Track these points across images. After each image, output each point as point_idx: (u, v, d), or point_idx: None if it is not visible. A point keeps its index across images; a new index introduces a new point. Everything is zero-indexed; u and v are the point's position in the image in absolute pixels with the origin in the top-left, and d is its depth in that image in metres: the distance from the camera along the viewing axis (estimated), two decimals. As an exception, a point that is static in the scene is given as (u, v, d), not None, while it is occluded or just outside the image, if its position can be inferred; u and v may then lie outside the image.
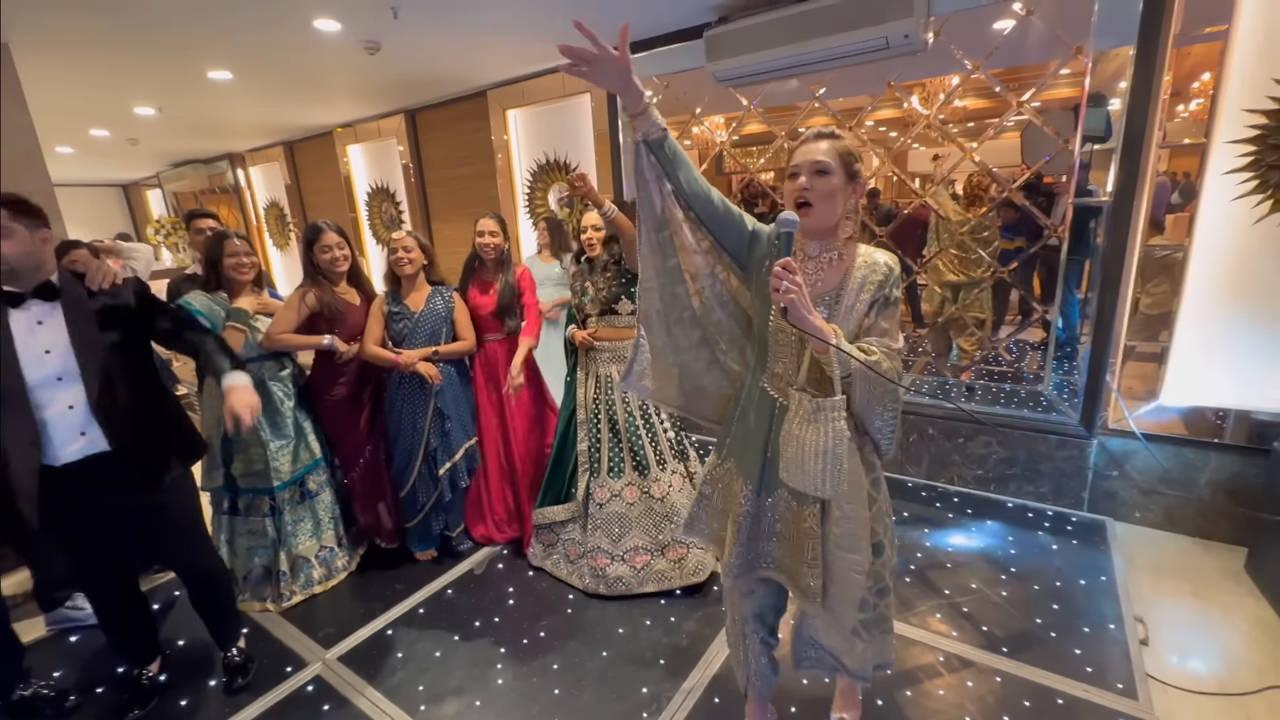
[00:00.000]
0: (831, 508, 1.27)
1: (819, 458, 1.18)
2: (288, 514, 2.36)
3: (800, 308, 1.11)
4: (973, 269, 3.24)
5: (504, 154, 4.42)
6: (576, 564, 2.39)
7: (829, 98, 3.09)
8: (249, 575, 2.38)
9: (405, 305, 2.43)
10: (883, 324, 1.23)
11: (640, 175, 1.24)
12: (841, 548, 1.27)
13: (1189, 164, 2.34)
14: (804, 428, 1.20)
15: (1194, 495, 2.54)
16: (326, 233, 2.36)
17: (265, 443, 2.27)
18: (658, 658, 2.00)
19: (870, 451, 1.30)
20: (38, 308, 1.55)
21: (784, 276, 1.10)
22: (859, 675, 1.49)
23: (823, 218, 1.22)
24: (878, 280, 1.22)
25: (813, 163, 1.19)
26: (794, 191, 1.22)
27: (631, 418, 2.35)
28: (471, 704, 1.86)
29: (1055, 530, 2.63)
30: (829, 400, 1.17)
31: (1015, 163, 3.13)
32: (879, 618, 1.38)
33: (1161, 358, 2.51)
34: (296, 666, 2.05)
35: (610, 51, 1.12)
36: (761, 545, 1.39)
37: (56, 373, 1.55)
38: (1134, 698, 1.74)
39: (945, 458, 3.05)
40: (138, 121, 4.94)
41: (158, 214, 8.92)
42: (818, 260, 1.27)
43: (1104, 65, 2.42)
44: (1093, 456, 2.70)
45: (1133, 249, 2.46)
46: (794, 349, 1.26)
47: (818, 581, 1.30)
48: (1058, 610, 2.13)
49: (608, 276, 2.31)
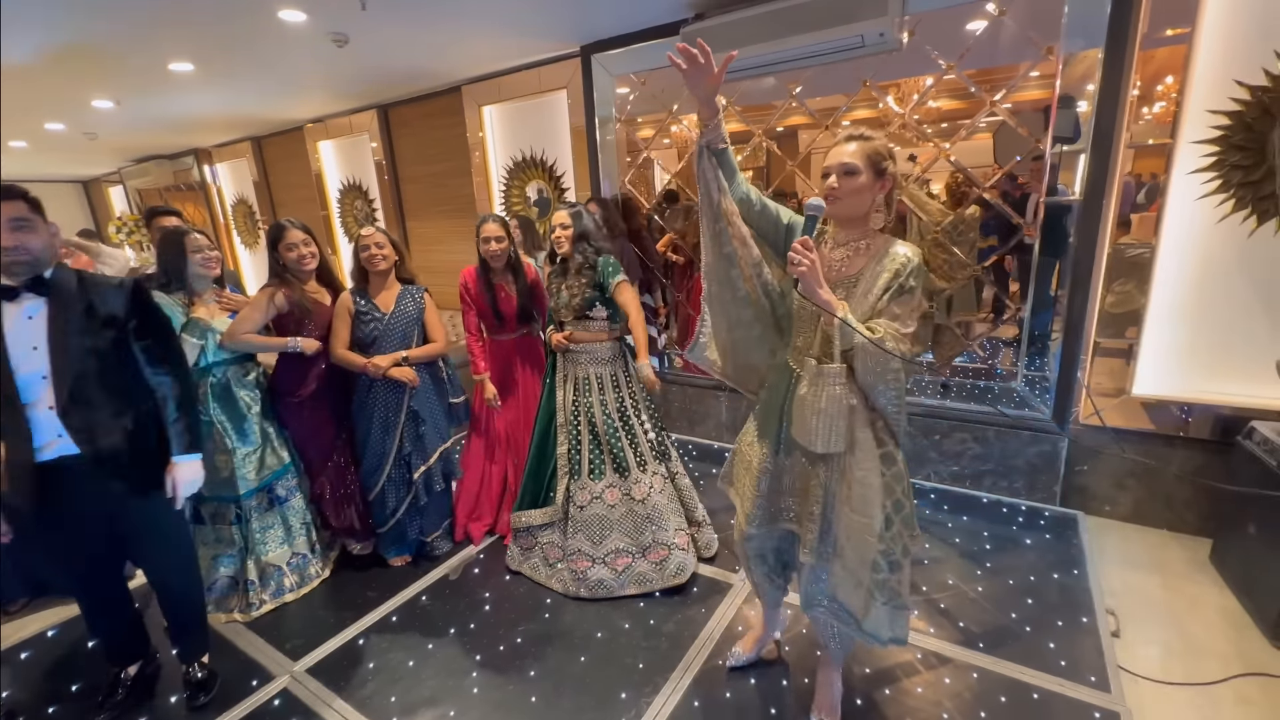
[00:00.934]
0: (847, 471, 1.39)
1: (815, 415, 1.34)
2: (255, 521, 2.28)
3: (811, 280, 1.26)
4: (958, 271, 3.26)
5: (480, 151, 4.35)
6: (555, 567, 2.36)
7: (805, 96, 3.09)
8: (213, 585, 2.29)
9: (375, 304, 2.36)
10: (894, 309, 1.32)
11: (702, 175, 1.40)
12: (854, 510, 1.39)
13: (1154, 165, 2.39)
14: (806, 389, 1.37)
15: (1161, 489, 2.60)
16: (290, 230, 2.28)
17: (231, 450, 2.19)
18: (637, 662, 1.97)
19: (882, 430, 1.39)
20: (30, 302, 1.54)
21: (800, 252, 1.25)
22: (871, 634, 1.51)
23: (850, 210, 1.37)
24: (895, 268, 1.32)
25: (841, 164, 1.33)
26: (824, 190, 1.36)
27: (610, 420, 2.32)
28: (445, 715, 1.81)
29: (1029, 525, 2.67)
30: (829, 366, 1.33)
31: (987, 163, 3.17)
32: (891, 591, 1.45)
33: (1129, 354, 2.56)
34: (263, 680, 1.98)
35: (713, 65, 1.30)
36: (783, 500, 1.55)
37: (42, 370, 1.54)
38: (1106, 690, 1.77)
39: (922, 454, 3.08)
40: (96, 114, 4.75)
41: (120, 211, 8.61)
42: (847, 247, 1.42)
43: (1072, 67, 2.46)
44: (1064, 451, 2.74)
45: (1102, 247, 2.50)
46: (811, 323, 1.42)
47: (813, 535, 1.46)
48: (1032, 605, 2.15)
49: (582, 283, 2.28)
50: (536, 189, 4.21)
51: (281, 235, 2.28)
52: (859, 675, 1.88)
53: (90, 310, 1.58)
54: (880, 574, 1.42)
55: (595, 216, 2.52)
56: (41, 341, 1.53)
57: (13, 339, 1.51)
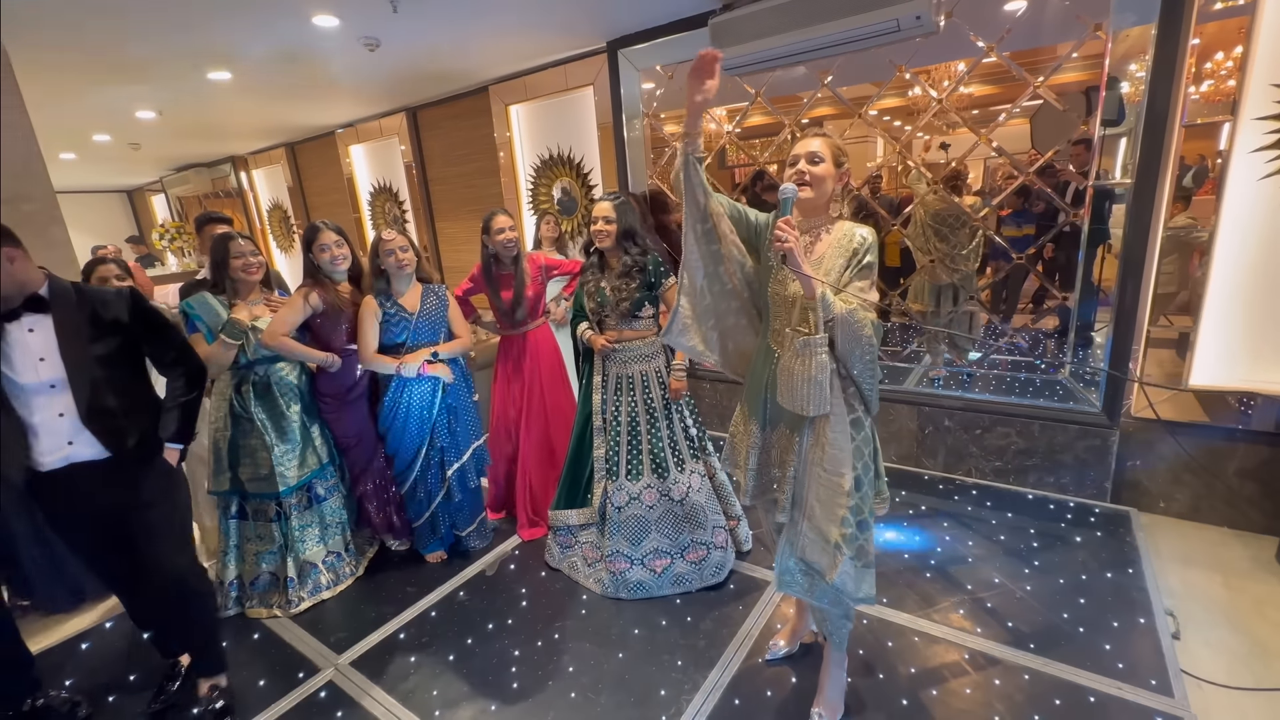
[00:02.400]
0: (819, 434, 1.50)
1: (806, 384, 1.44)
2: (295, 519, 2.33)
3: (795, 255, 1.37)
4: (962, 264, 3.17)
5: (507, 151, 4.37)
6: (594, 567, 2.35)
7: (834, 86, 3.03)
8: (256, 581, 2.35)
9: (401, 306, 2.37)
10: (857, 282, 1.45)
11: (689, 181, 1.53)
12: (825, 469, 1.49)
13: (1201, 146, 2.28)
14: (794, 361, 1.46)
15: (1222, 484, 2.48)
16: (324, 232, 2.33)
17: (270, 447, 2.24)
18: (675, 659, 1.96)
19: (853, 395, 1.50)
20: (29, 317, 1.58)
21: (785, 230, 1.37)
22: (840, 589, 1.52)
23: (816, 196, 1.50)
24: (852, 248, 1.46)
25: (809, 152, 1.48)
26: (793, 174, 1.49)
27: (653, 418, 2.26)
28: (486, 709, 1.83)
29: (1078, 522, 2.57)
30: (814, 338, 1.43)
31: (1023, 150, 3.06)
32: (860, 550, 1.52)
33: (1182, 344, 2.45)
34: (309, 672, 2.02)
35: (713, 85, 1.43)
36: (771, 471, 1.67)
37: (50, 380, 1.58)
38: (1169, 694, 1.69)
39: (962, 449, 2.99)
40: (139, 125, 4.92)
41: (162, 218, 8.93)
42: (810, 234, 1.54)
43: (1118, 45, 2.35)
44: (1116, 446, 2.63)
45: (1155, 232, 2.39)
46: (787, 306, 1.53)
47: (786, 496, 1.57)
48: (1085, 605, 2.07)
49: (631, 287, 2.19)
50: (560, 188, 4.22)
51: (315, 236, 2.32)
52: (904, 674, 1.84)
53: (95, 319, 1.64)
54: (848, 529, 1.49)
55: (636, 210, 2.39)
56: (50, 352, 1.58)
57: (18, 353, 1.55)
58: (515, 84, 4.16)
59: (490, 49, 3.57)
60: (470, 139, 4.68)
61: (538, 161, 4.28)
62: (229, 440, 2.24)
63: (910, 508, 2.77)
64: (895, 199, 3.39)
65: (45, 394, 1.58)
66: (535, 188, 4.36)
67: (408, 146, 5.07)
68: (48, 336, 1.58)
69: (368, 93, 4.48)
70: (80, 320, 1.62)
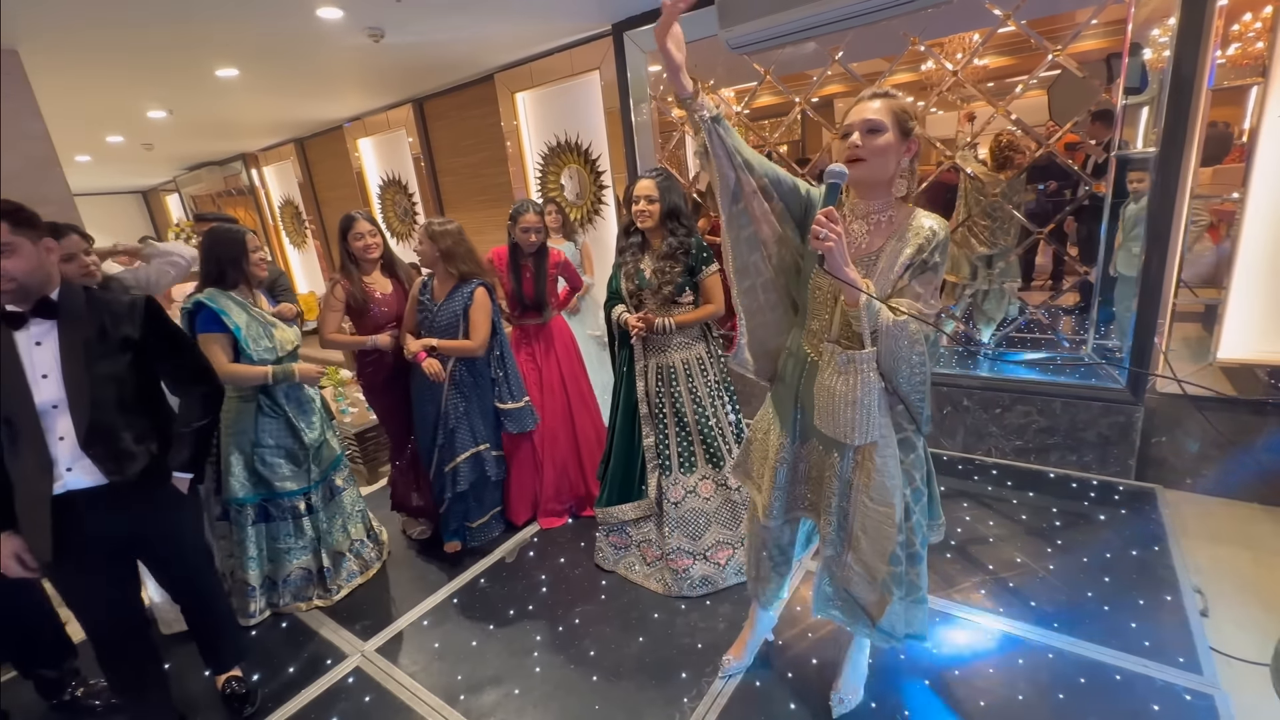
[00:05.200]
0: (864, 459, 1.30)
1: (850, 407, 1.23)
2: (322, 511, 2.33)
3: (837, 256, 1.15)
4: (1003, 237, 3.11)
5: (514, 140, 4.35)
6: (654, 566, 2.29)
7: (846, 62, 2.96)
8: (288, 579, 2.31)
9: (432, 295, 2.41)
10: (916, 288, 1.23)
11: (715, 152, 1.28)
12: (873, 499, 1.30)
13: (1228, 114, 2.20)
14: (835, 379, 1.25)
15: (1251, 459, 2.42)
16: (359, 221, 2.42)
17: (305, 442, 2.21)
18: (695, 643, 1.97)
19: (901, 414, 1.32)
20: (36, 327, 1.43)
21: (825, 225, 1.14)
22: (886, 632, 1.44)
23: (874, 172, 1.24)
24: (918, 244, 1.22)
25: (865, 120, 1.21)
26: (845, 149, 1.24)
27: (700, 408, 2.18)
28: (510, 692, 1.86)
29: (1101, 500, 2.54)
30: (860, 353, 1.21)
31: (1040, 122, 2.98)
32: (910, 585, 1.40)
33: (1210, 316, 2.39)
34: (336, 659, 2.07)
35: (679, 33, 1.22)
36: (799, 488, 1.49)
37: (53, 399, 1.42)
38: (1198, 672, 1.67)
39: (982, 429, 2.96)
40: (151, 125, 4.96)
41: (177, 218, 9.04)
42: (867, 220, 1.30)
43: (1138, 10, 2.27)
44: (1140, 422, 2.58)
45: (1182, 203, 2.32)
46: (829, 305, 1.31)
47: (831, 527, 1.39)
48: (1109, 583, 2.05)
49: (676, 270, 2.07)
50: (569, 174, 4.19)
51: (351, 225, 2.41)
52: (925, 655, 1.83)
53: (103, 333, 1.47)
54: (898, 567, 1.35)
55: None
56: (52, 369, 1.41)
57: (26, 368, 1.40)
58: (521, 71, 4.13)
59: (494, 34, 3.54)
60: (477, 128, 4.66)
61: (545, 149, 4.25)
62: (252, 443, 2.15)
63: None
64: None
65: (49, 415, 1.41)
66: (544, 175, 4.34)
67: (415, 138, 5.06)
68: (53, 350, 1.42)
69: (374, 84, 4.48)
70: (89, 330, 1.45)
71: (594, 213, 4.11)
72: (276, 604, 2.32)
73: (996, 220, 3.08)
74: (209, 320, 2.01)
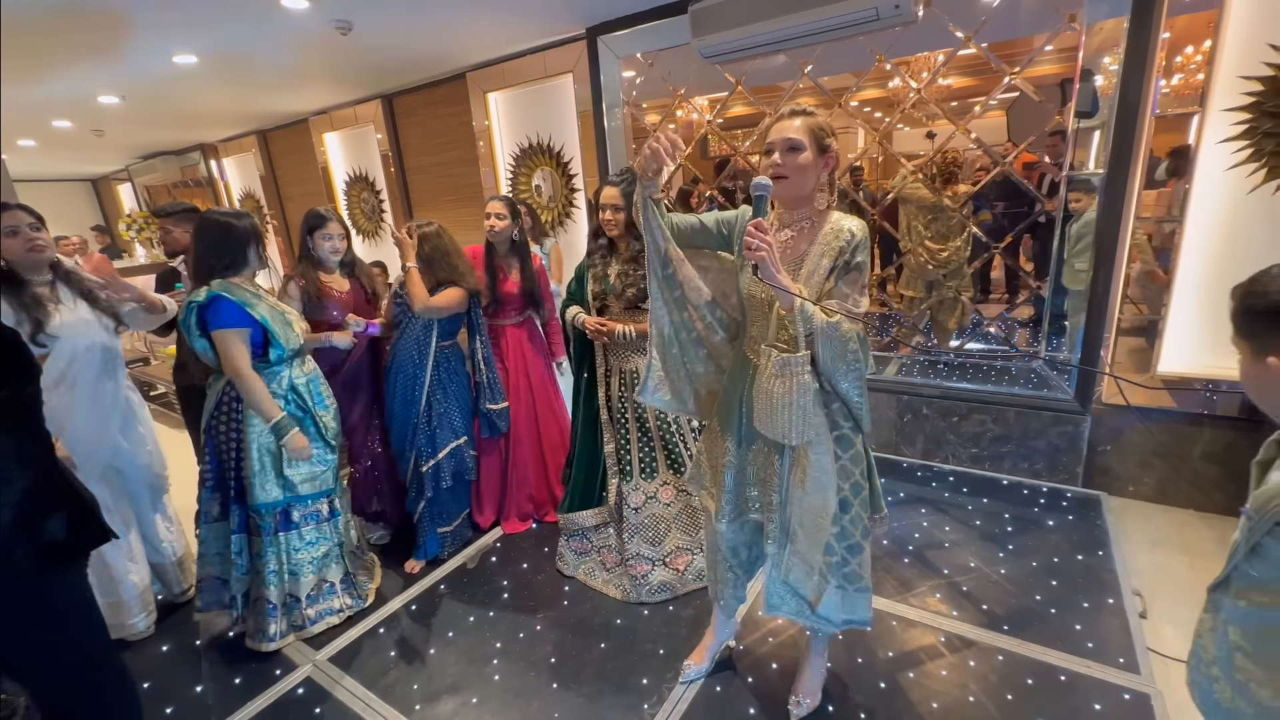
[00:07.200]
0: (799, 456, 1.37)
1: (787, 409, 1.29)
2: (343, 513, 2.20)
3: (769, 265, 1.21)
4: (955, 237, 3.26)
5: (486, 139, 4.30)
6: (614, 572, 2.28)
7: (815, 75, 3.03)
8: (317, 594, 2.12)
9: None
10: (843, 288, 1.29)
11: (648, 225, 1.42)
12: (807, 493, 1.38)
13: (1172, 139, 2.32)
14: (773, 382, 1.31)
15: (1187, 467, 2.55)
16: (332, 222, 2.31)
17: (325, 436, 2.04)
18: (657, 648, 1.96)
19: (838, 411, 1.37)
20: None
21: (756, 236, 1.20)
22: (825, 618, 1.52)
23: (796, 188, 1.33)
24: (839, 246, 1.29)
25: (785, 139, 1.30)
26: (768, 167, 1.32)
27: (662, 414, 2.19)
28: (468, 701, 1.82)
29: (1051, 507, 2.63)
30: (794, 356, 1.28)
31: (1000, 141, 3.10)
32: (851, 574, 1.47)
33: (1151, 332, 2.51)
34: (286, 669, 1.99)
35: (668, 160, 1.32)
36: (747, 491, 1.54)
37: None
38: (1136, 671, 1.74)
39: (940, 437, 3.04)
40: (102, 111, 4.74)
41: (129, 209, 8.65)
42: (792, 228, 1.38)
43: (1092, 38, 2.39)
44: (1087, 432, 2.69)
45: (1127, 223, 2.44)
46: (764, 311, 1.37)
47: (774, 524, 1.46)
48: (1056, 586, 2.12)
49: (639, 274, 2.05)
50: (541, 176, 4.17)
51: (322, 224, 2.29)
52: (882, 658, 1.87)
53: None
54: (833, 557, 1.43)
55: None
56: None
57: None
58: (493, 70, 4.09)
59: (467, 33, 3.50)
60: (448, 127, 4.59)
61: (517, 150, 4.22)
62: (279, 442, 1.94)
63: (889, 495, 2.81)
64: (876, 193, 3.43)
65: None
66: (515, 176, 4.30)
67: (384, 135, 4.96)
68: None
69: (341, 78, 4.37)
70: None
71: (565, 215, 4.10)
72: (301, 625, 2.09)
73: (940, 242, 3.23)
74: (230, 314, 1.80)
